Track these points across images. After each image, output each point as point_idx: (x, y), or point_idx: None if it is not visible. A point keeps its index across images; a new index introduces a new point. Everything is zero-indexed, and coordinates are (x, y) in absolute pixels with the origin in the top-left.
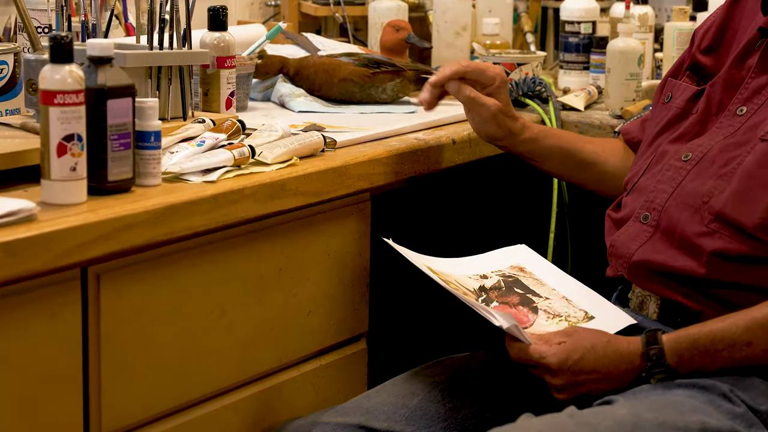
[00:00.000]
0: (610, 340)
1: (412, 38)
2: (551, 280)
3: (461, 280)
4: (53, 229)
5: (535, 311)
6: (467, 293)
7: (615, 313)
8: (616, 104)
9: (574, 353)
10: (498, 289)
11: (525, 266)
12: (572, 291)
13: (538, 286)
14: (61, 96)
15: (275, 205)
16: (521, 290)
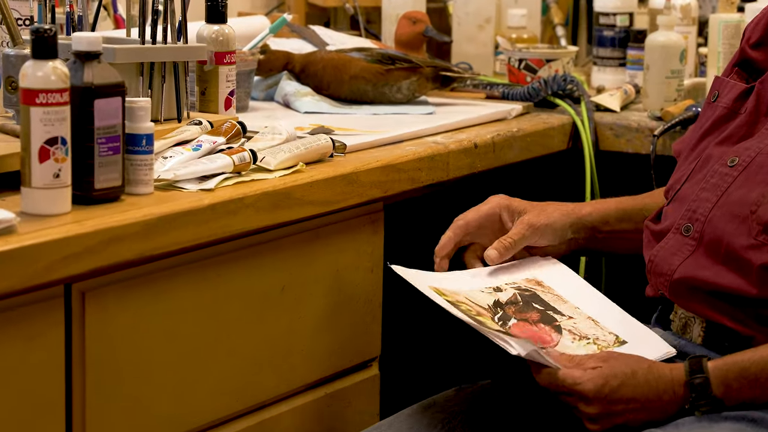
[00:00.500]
0: (651, 366)
1: (430, 31)
2: (574, 296)
3: (473, 296)
4: (34, 241)
5: (559, 330)
6: (481, 312)
7: (651, 338)
8: (655, 104)
9: (613, 379)
10: (515, 303)
11: (543, 280)
12: (600, 311)
13: (559, 303)
14: (44, 95)
15: (279, 216)
16: (541, 306)
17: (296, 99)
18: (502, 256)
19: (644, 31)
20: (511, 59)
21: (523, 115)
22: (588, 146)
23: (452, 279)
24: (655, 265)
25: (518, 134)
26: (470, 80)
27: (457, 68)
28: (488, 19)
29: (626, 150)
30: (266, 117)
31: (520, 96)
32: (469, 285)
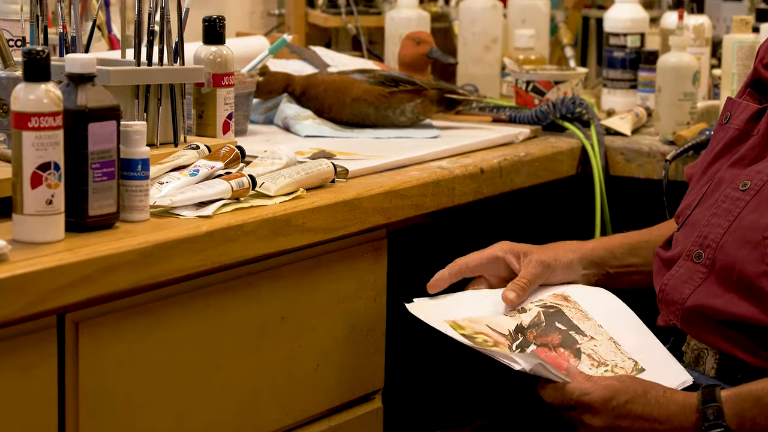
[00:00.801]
0: (666, 390)
1: (434, 52)
2: (599, 313)
3: (495, 321)
4: (26, 270)
5: (578, 355)
6: (499, 342)
7: (671, 366)
8: (667, 128)
9: (622, 395)
10: (537, 326)
11: (570, 294)
12: (623, 331)
13: (582, 321)
14: (36, 119)
15: (279, 244)
16: (563, 326)
17: (296, 122)
18: (519, 297)
19: (656, 52)
20: (518, 81)
21: (530, 139)
22: (598, 171)
23: (473, 305)
24: (665, 294)
25: (526, 159)
26: (476, 103)
27: (462, 90)
28: (495, 40)
29: (637, 175)
30: (266, 141)
31: (528, 119)
32: (493, 308)
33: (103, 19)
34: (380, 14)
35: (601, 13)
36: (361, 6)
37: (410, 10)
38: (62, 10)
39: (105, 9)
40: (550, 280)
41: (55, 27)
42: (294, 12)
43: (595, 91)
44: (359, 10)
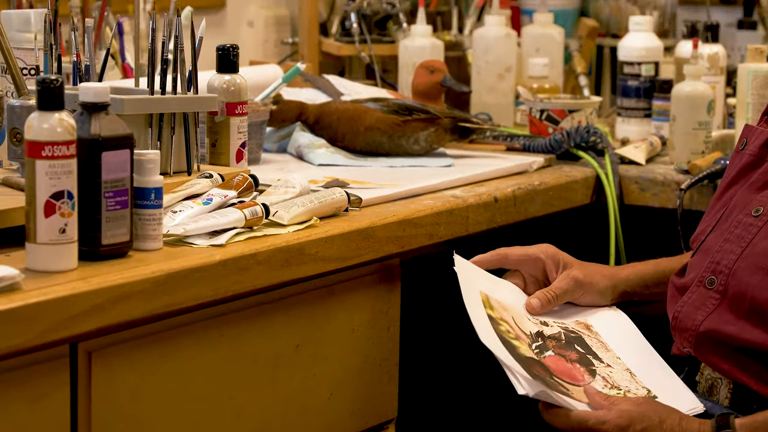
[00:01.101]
0: (683, 417)
1: (448, 81)
2: (618, 345)
3: (520, 319)
4: (39, 299)
5: (593, 375)
6: (520, 336)
7: (682, 395)
8: (682, 157)
9: (639, 423)
10: (557, 339)
11: (592, 325)
12: (639, 363)
13: (601, 350)
14: (50, 148)
15: (292, 273)
16: (582, 349)
17: (310, 151)
18: (543, 307)
19: (670, 81)
20: (532, 110)
21: (544, 168)
22: (612, 200)
23: (508, 292)
24: (679, 321)
25: (540, 188)
26: (490, 131)
27: (476, 119)
28: (509, 69)
29: (652, 204)
30: (279, 169)
31: (542, 148)
32: (520, 306)
33: (116, 47)
34: (394, 43)
35: (616, 41)
36: (374, 35)
37: (424, 39)
38: (76, 39)
39: (119, 38)
40: (579, 300)
41: (68, 55)
42: (307, 40)
43: (609, 120)
44: (373, 38)
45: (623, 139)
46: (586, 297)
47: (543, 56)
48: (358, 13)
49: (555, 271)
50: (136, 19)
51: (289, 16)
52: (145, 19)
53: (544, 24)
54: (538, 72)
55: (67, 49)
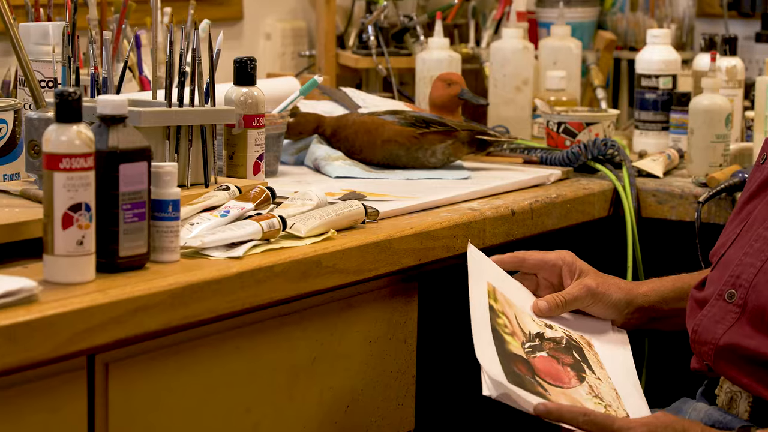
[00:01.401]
0: (704, 429)
1: (465, 94)
2: (612, 369)
3: (522, 317)
4: (57, 311)
5: (581, 381)
6: (516, 333)
7: None
8: (700, 170)
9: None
10: (556, 342)
11: (594, 344)
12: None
13: (597, 367)
14: (68, 160)
15: (309, 285)
16: (579, 357)
17: (327, 163)
18: (550, 310)
19: (688, 94)
20: (549, 122)
21: (562, 181)
22: (630, 213)
23: (516, 290)
24: (698, 335)
25: (557, 200)
26: (507, 144)
27: (493, 132)
28: (526, 81)
29: (670, 217)
30: (296, 182)
31: (559, 161)
32: (526, 306)
33: (134, 60)
34: (411, 56)
35: (633, 54)
36: (391, 47)
37: (441, 52)
38: (94, 52)
39: (136, 50)
40: (589, 309)
41: (86, 68)
42: (325, 53)
43: (626, 133)
44: (390, 51)
45: (641, 151)
46: (597, 307)
47: (560, 69)
48: (376, 25)
49: (570, 278)
50: (153, 31)
51: (306, 28)
52: (162, 31)
53: (561, 37)
54: (555, 85)
55: (85, 61)
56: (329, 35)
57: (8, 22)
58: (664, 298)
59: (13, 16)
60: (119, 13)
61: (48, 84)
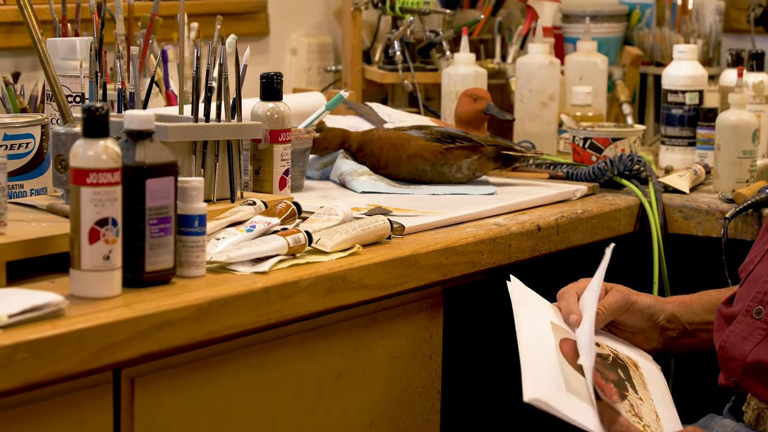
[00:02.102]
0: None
1: (491, 109)
2: (657, 393)
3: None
4: (83, 326)
5: (623, 398)
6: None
7: None
8: (726, 186)
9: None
10: (603, 359)
11: (640, 365)
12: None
13: (640, 386)
14: (95, 175)
15: (334, 300)
16: (623, 375)
17: (353, 178)
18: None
19: (715, 110)
20: (575, 138)
21: (588, 197)
22: (656, 229)
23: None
24: (725, 351)
25: (583, 216)
26: (533, 159)
27: (519, 147)
28: (552, 97)
29: (696, 233)
30: (322, 197)
31: (585, 176)
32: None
33: (160, 75)
34: (437, 71)
35: (660, 70)
36: (417, 62)
37: (467, 67)
38: (121, 67)
39: (163, 65)
40: (626, 318)
41: (113, 83)
42: (351, 68)
43: (653, 148)
44: (416, 66)
45: (667, 167)
46: (632, 316)
47: (586, 84)
48: (402, 41)
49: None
50: (180, 46)
51: (332, 43)
52: (189, 46)
53: (587, 52)
54: (581, 100)
55: (112, 76)
56: (355, 50)
57: (36, 37)
58: (692, 309)
59: (41, 31)
60: (146, 28)
61: (75, 99)
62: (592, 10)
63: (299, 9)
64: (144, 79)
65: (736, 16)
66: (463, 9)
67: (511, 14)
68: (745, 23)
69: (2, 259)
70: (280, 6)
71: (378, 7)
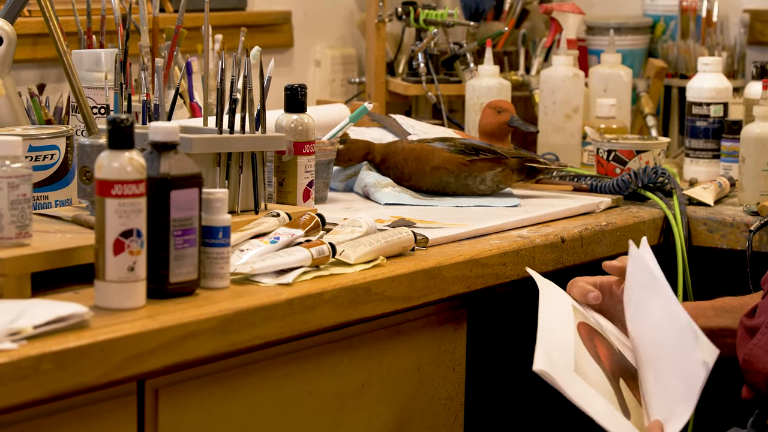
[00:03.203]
0: None
1: (515, 121)
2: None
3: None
4: (107, 337)
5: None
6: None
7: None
8: (751, 199)
9: None
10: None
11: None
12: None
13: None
14: (120, 186)
15: (358, 312)
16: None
17: (376, 190)
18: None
19: (739, 122)
20: (599, 150)
21: (612, 209)
22: (680, 242)
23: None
24: (749, 364)
25: (607, 228)
26: (557, 172)
27: (543, 159)
28: (576, 109)
29: (720, 246)
30: (346, 209)
31: (609, 188)
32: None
33: (185, 86)
34: (460, 83)
35: (684, 82)
36: (441, 74)
37: (491, 79)
38: (145, 79)
39: (187, 77)
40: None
41: (138, 95)
42: (375, 80)
43: (677, 161)
44: (440, 78)
45: (691, 179)
46: None
47: (610, 96)
48: (426, 53)
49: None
50: (205, 58)
51: (356, 55)
52: (213, 58)
53: (611, 64)
54: (605, 112)
55: (136, 88)
56: (379, 62)
57: (61, 49)
58: (704, 313)
59: (66, 43)
60: (171, 40)
61: (100, 110)
62: (617, 23)
63: (323, 21)
64: (168, 91)
65: (760, 28)
66: (487, 21)
67: (535, 26)
68: None
69: (27, 270)
70: (305, 18)
71: (402, 20)
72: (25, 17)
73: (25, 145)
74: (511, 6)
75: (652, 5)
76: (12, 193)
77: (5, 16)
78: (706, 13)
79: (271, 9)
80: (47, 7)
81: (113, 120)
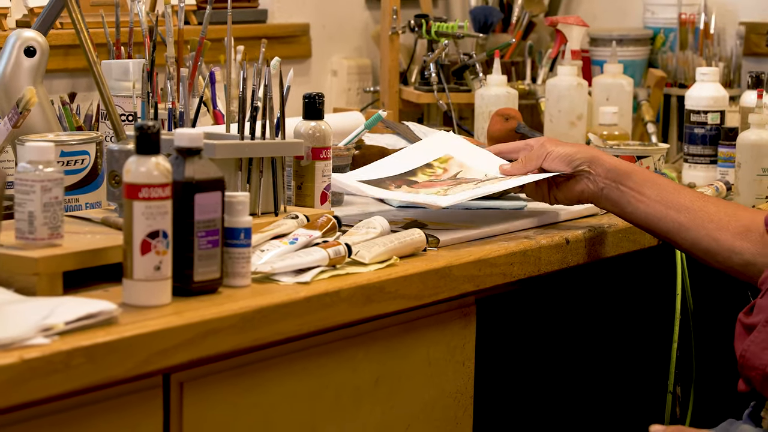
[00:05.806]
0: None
1: (522, 128)
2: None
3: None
4: (135, 333)
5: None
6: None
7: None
8: (747, 202)
9: None
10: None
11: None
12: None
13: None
14: (147, 190)
15: (373, 309)
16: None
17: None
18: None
19: (735, 129)
20: None
21: None
22: None
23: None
24: (746, 360)
25: (609, 230)
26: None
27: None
28: (580, 116)
29: None
30: (361, 211)
31: None
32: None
33: (209, 95)
34: (470, 92)
35: (682, 91)
36: (452, 84)
37: (499, 88)
38: (171, 88)
39: (211, 86)
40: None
41: (164, 103)
42: (388, 89)
43: (676, 166)
44: (450, 87)
45: (690, 184)
46: (552, 163)
47: (613, 105)
48: (437, 63)
49: None
50: (227, 68)
51: (370, 65)
52: (235, 68)
53: (614, 74)
54: (608, 120)
55: (162, 96)
56: (393, 72)
57: (92, 59)
58: (632, 177)
59: (96, 53)
60: (195, 51)
61: (128, 118)
62: (619, 35)
63: (340, 33)
64: (193, 99)
65: (756, 40)
66: (496, 33)
67: (541, 38)
68: (764, 47)
69: (59, 269)
70: (322, 30)
71: (414, 32)
72: (58, 29)
73: (57, 150)
74: (518, 19)
75: (653, 18)
76: (45, 196)
77: (38, 28)
78: (703, 26)
79: (290, 21)
80: (78, 20)
81: (140, 127)
